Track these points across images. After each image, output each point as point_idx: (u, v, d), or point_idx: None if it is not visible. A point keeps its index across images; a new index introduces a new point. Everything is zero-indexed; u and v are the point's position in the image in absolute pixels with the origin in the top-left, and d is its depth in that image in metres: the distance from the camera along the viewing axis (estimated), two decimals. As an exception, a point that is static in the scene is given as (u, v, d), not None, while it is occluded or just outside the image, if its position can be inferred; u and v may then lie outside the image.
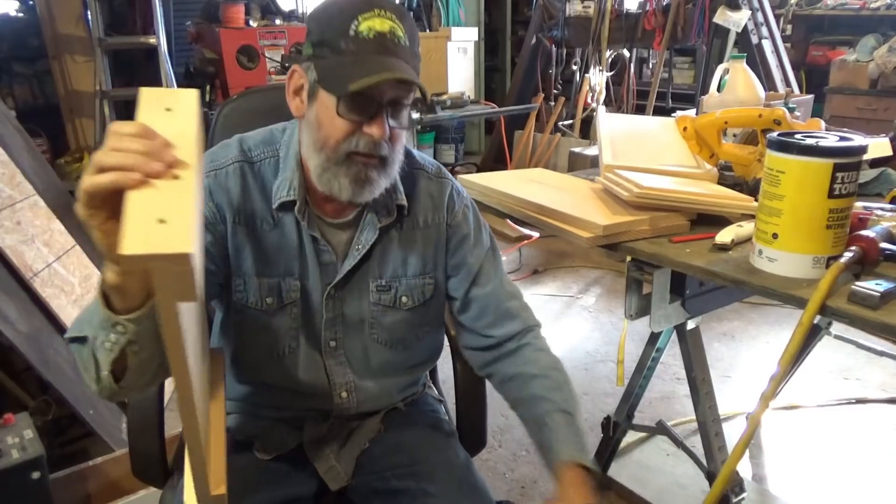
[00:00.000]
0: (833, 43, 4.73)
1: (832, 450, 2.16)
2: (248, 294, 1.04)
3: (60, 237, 2.25)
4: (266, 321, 1.05)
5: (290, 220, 1.03)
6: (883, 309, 0.92)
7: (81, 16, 3.73)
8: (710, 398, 1.53)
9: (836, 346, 2.66)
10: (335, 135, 0.94)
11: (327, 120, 0.94)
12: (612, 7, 4.39)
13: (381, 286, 1.09)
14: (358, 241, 1.06)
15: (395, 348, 1.12)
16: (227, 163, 1.03)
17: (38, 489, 1.53)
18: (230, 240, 1.02)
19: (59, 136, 3.89)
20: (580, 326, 3.06)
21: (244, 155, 1.04)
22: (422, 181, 1.11)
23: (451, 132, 5.98)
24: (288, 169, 1.02)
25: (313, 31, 0.94)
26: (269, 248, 1.03)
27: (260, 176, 1.03)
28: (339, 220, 1.06)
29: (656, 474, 1.96)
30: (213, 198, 1.00)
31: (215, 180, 1.01)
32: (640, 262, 1.32)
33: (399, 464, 1.10)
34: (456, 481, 1.08)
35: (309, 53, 0.95)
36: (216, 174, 1.02)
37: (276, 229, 1.03)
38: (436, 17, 5.40)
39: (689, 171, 1.49)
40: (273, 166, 1.04)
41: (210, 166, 1.02)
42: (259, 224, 1.03)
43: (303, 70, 0.97)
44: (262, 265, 1.03)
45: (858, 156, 1.00)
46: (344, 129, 0.93)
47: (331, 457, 1.12)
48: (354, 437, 1.15)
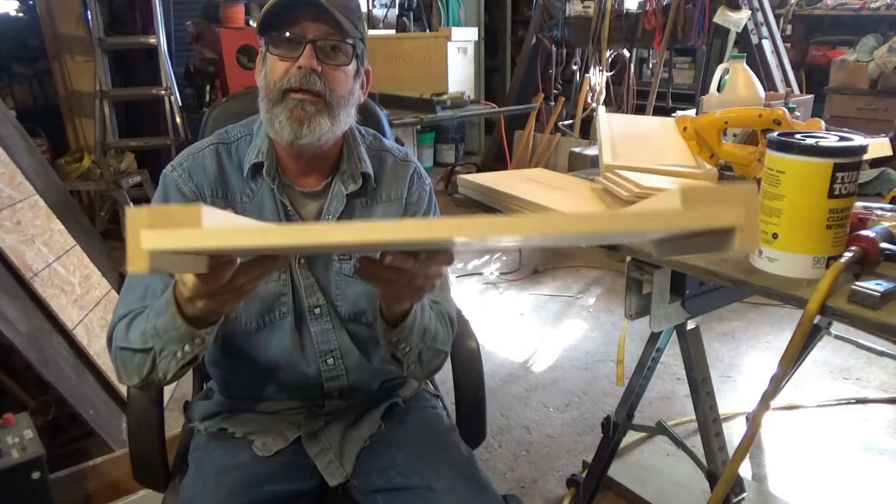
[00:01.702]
0: (833, 43, 4.73)
1: (832, 450, 2.16)
2: None
3: (60, 237, 2.25)
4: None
5: (265, 190, 1.08)
6: (883, 309, 0.92)
7: (81, 16, 3.73)
8: (710, 398, 1.53)
9: (836, 346, 2.66)
10: (272, 77, 1.01)
11: (271, 68, 1.02)
12: (612, 7, 4.39)
13: (342, 255, 1.12)
14: (327, 211, 1.10)
15: (360, 322, 1.13)
16: (203, 146, 1.11)
17: (38, 489, 1.53)
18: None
19: (59, 136, 3.89)
20: (580, 326, 3.06)
21: (220, 138, 1.12)
22: (389, 161, 1.17)
23: (451, 132, 5.98)
24: (258, 138, 1.09)
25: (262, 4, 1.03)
26: (256, 216, 1.07)
27: (237, 154, 1.10)
28: (309, 190, 1.11)
29: (656, 474, 1.96)
30: (192, 178, 1.07)
31: (193, 161, 1.09)
32: (640, 262, 1.32)
33: (402, 461, 1.11)
34: (461, 477, 1.08)
35: (261, 25, 1.02)
36: (194, 157, 1.09)
37: (255, 201, 1.09)
38: (436, 17, 5.40)
39: (689, 171, 1.49)
40: (248, 142, 1.11)
41: (188, 153, 1.10)
42: (239, 198, 1.09)
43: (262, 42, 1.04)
44: None
45: (858, 156, 1.00)
46: (278, 70, 1.01)
47: (330, 452, 1.12)
48: (354, 433, 1.15)
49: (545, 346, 2.87)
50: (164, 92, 3.73)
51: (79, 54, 3.79)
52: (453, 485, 1.06)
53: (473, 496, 1.05)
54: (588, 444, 2.17)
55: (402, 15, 5.07)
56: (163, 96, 3.76)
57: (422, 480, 1.07)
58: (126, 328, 0.97)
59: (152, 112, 4.06)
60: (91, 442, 2.01)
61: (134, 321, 0.98)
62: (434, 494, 1.04)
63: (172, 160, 1.12)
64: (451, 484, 1.06)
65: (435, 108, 3.18)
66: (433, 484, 1.06)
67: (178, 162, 1.10)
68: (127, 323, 0.98)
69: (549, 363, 2.74)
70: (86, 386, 1.99)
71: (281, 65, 1.01)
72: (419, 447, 1.13)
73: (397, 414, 1.20)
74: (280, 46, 1.01)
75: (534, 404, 2.45)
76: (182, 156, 1.11)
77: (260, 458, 1.09)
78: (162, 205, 0.82)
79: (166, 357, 0.90)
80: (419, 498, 1.05)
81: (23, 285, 1.94)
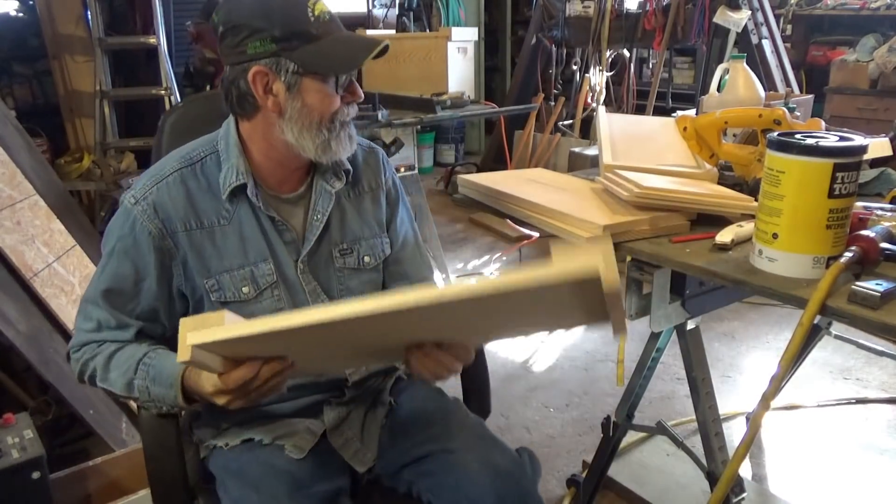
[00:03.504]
0: (833, 43, 4.73)
1: (832, 450, 2.16)
2: (224, 291, 1.08)
3: (60, 237, 2.25)
4: (249, 311, 1.08)
5: (244, 208, 1.08)
6: (883, 309, 0.92)
7: (81, 16, 3.73)
8: (710, 398, 1.53)
9: (836, 346, 2.66)
10: (330, 110, 1.04)
11: (319, 101, 1.02)
12: (612, 7, 4.39)
13: (344, 250, 1.15)
14: (315, 210, 1.13)
15: None
16: (165, 173, 1.07)
17: (38, 489, 1.53)
18: (187, 248, 1.06)
19: (59, 136, 3.88)
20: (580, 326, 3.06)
21: (182, 161, 1.08)
22: (359, 152, 1.20)
23: (451, 132, 5.98)
24: (231, 157, 1.07)
25: (264, 28, 0.98)
26: (231, 242, 1.08)
27: (205, 175, 1.08)
28: (293, 195, 1.13)
29: (656, 474, 1.96)
30: (157, 213, 1.04)
31: (157, 193, 1.05)
32: (640, 262, 1.32)
33: (417, 432, 1.15)
34: (474, 436, 1.14)
35: (271, 49, 0.98)
36: (157, 187, 1.06)
37: (233, 222, 1.08)
38: (436, 17, 5.40)
39: (689, 171, 1.49)
40: (215, 161, 1.08)
41: (151, 181, 1.06)
42: (215, 222, 1.07)
43: (268, 68, 0.99)
44: (230, 259, 1.08)
45: (858, 156, 1.00)
46: (337, 102, 1.04)
47: (355, 441, 1.16)
48: (371, 417, 1.19)
49: (545, 346, 2.87)
50: (164, 92, 3.72)
51: (79, 54, 3.79)
52: (468, 443, 1.11)
53: (489, 451, 1.10)
54: (588, 444, 2.17)
55: (402, 15, 5.07)
56: (163, 96, 3.76)
57: (438, 445, 1.11)
58: (104, 368, 1.06)
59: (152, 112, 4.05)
60: (91, 442, 2.01)
61: (111, 363, 1.05)
62: (452, 455, 1.09)
63: (133, 186, 1.07)
64: (466, 443, 1.11)
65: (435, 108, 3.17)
66: (449, 445, 1.10)
67: (141, 193, 1.05)
68: (104, 361, 1.06)
69: (549, 363, 2.74)
70: (86, 386, 1.98)
71: (336, 98, 1.04)
72: (430, 417, 1.17)
73: (405, 390, 1.23)
74: (342, 85, 1.05)
75: (534, 404, 2.45)
76: (144, 184, 1.06)
77: (295, 461, 1.09)
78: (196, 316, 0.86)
79: (148, 406, 1.06)
80: (439, 462, 1.09)
81: (23, 285, 1.94)
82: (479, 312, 0.80)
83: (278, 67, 0.99)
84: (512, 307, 0.77)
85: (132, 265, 1.05)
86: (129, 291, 1.06)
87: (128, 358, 1.05)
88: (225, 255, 1.08)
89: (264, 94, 1.01)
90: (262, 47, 0.98)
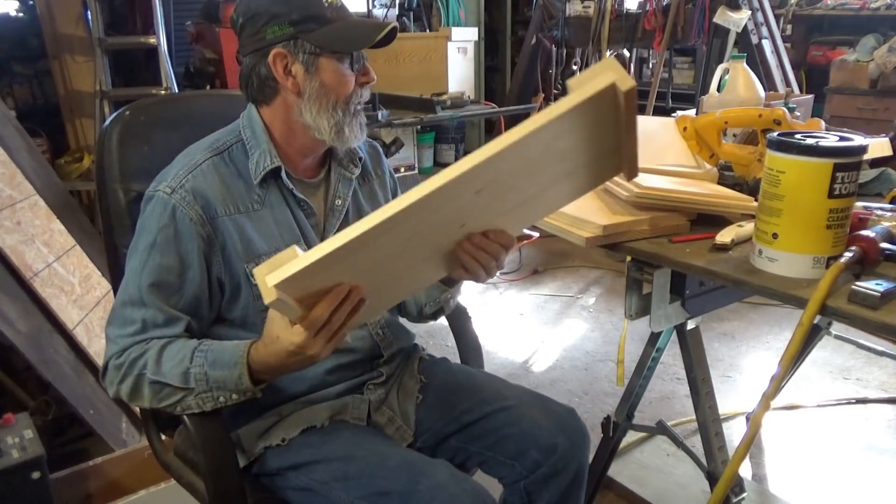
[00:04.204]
0: (833, 43, 4.73)
1: (832, 450, 2.16)
2: None
3: (60, 237, 2.25)
4: None
5: (274, 192, 1.11)
6: (883, 309, 0.92)
7: (81, 16, 3.73)
8: (710, 398, 1.53)
9: (836, 346, 2.66)
10: (346, 90, 1.08)
11: (336, 80, 1.07)
12: (612, 7, 4.39)
13: None
14: (336, 195, 1.18)
15: None
16: (197, 161, 1.08)
17: (38, 489, 1.53)
18: (227, 232, 1.07)
19: (59, 136, 3.88)
20: (580, 326, 3.06)
21: (211, 150, 1.10)
22: (363, 145, 1.25)
23: (451, 132, 5.97)
24: (261, 143, 1.10)
25: (282, 13, 1.03)
26: (267, 225, 1.10)
27: (233, 162, 1.10)
28: (315, 179, 1.17)
29: (656, 474, 1.96)
30: (196, 200, 1.05)
31: (193, 180, 1.06)
32: (640, 262, 1.32)
33: (461, 401, 1.21)
34: (525, 392, 1.24)
35: (289, 32, 1.04)
36: (193, 175, 1.07)
37: (266, 206, 1.11)
38: (436, 17, 5.40)
39: (689, 171, 1.49)
40: (242, 149, 1.11)
41: (184, 171, 1.07)
42: (249, 207, 1.10)
43: (287, 50, 1.05)
44: (268, 242, 1.10)
45: (858, 156, 1.00)
46: (352, 83, 1.09)
47: (396, 419, 1.22)
48: (404, 395, 1.24)
49: (545, 346, 2.88)
50: (164, 92, 3.72)
51: (79, 54, 3.78)
52: (523, 399, 1.21)
53: (545, 401, 1.22)
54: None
55: (402, 15, 5.07)
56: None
57: (493, 406, 1.19)
58: (156, 361, 1.01)
59: (152, 112, 4.05)
60: (91, 442, 2.01)
61: (164, 355, 1.02)
62: (511, 410, 1.18)
63: (162, 179, 1.07)
64: (521, 399, 1.21)
65: (435, 108, 3.18)
66: (504, 404, 1.19)
67: (177, 182, 1.06)
68: (156, 355, 1.02)
69: (549, 363, 2.74)
70: (86, 386, 1.99)
71: (351, 78, 1.09)
72: (470, 385, 1.25)
73: (428, 369, 1.29)
74: (356, 63, 1.09)
75: (534, 404, 2.45)
76: (176, 175, 1.07)
77: (362, 426, 1.15)
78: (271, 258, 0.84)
79: (206, 399, 1.02)
80: (497, 420, 1.18)
81: (23, 285, 1.94)
82: (516, 172, 0.85)
83: (296, 48, 1.05)
84: (540, 158, 0.85)
85: (176, 255, 1.04)
86: (175, 283, 1.05)
87: (181, 348, 1.03)
88: (263, 239, 1.09)
89: (284, 75, 1.06)
90: (281, 31, 1.04)
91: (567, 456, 1.16)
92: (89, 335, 2.08)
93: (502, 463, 1.18)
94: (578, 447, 1.19)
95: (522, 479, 1.17)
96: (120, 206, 1.20)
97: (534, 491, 1.17)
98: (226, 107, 1.32)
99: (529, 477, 1.16)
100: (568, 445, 1.17)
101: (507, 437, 1.17)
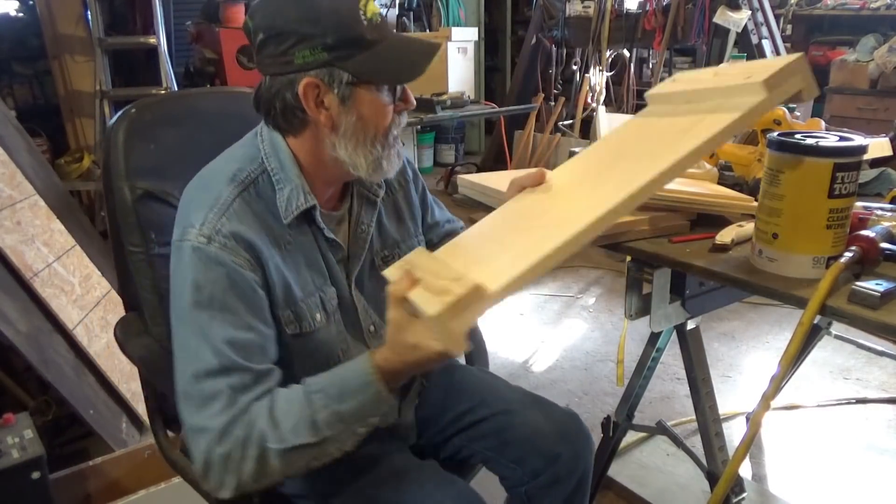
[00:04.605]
0: (833, 43, 4.73)
1: (832, 450, 2.16)
2: (301, 321, 0.98)
3: (60, 237, 2.25)
4: (320, 338, 1.02)
5: (304, 233, 0.99)
6: (883, 309, 0.92)
7: (81, 16, 3.73)
8: (710, 398, 1.52)
9: (836, 346, 2.66)
10: (385, 123, 0.96)
11: (374, 112, 0.94)
12: (612, 7, 4.39)
13: (386, 257, 1.12)
14: (361, 224, 1.08)
15: None
16: (228, 201, 0.93)
17: (38, 489, 1.53)
18: (271, 276, 0.94)
19: (59, 136, 3.88)
20: (580, 326, 3.06)
21: (237, 185, 0.95)
22: None
23: (451, 132, 5.98)
24: (293, 177, 0.96)
25: (314, 35, 0.88)
26: (300, 268, 0.99)
27: (261, 198, 0.96)
28: (339, 212, 1.07)
29: (656, 474, 1.96)
30: (239, 245, 0.90)
31: (230, 224, 0.91)
32: (640, 262, 1.32)
33: (464, 401, 1.20)
34: (527, 396, 1.21)
35: (323, 59, 0.89)
36: (227, 217, 0.91)
37: (296, 245, 0.98)
38: (436, 17, 5.41)
39: (689, 171, 1.49)
40: (267, 181, 0.96)
41: (215, 214, 0.91)
42: (283, 248, 0.96)
43: (319, 79, 0.90)
44: (303, 286, 0.99)
45: (858, 156, 1.00)
46: (391, 113, 0.96)
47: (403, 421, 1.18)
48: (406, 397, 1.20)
49: (545, 346, 2.88)
50: (164, 92, 3.72)
51: (79, 54, 3.78)
52: (525, 403, 1.18)
53: (546, 407, 1.19)
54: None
55: (402, 15, 5.07)
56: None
57: (494, 409, 1.17)
58: (272, 427, 0.85)
59: (152, 112, 4.05)
60: (91, 442, 2.01)
61: (276, 416, 0.86)
62: (512, 415, 1.16)
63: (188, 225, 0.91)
64: (523, 403, 1.18)
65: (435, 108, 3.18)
66: (507, 407, 1.17)
67: (211, 228, 0.90)
68: (268, 419, 0.85)
69: (549, 363, 2.74)
70: (86, 386, 1.99)
71: (390, 108, 0.96)
72: (474, 386, 1.22)
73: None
74: (394, 93, 0.96)
75: (534, 404, 2.45)
76: (206, 218, 0.90)
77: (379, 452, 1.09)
78: (449, 305, 0.76)
79: (346, 439, 0.88)
80: (499, 422, 1.16)
81: (23, 285, 1.94)
82: None
83: (331, 78, 0.90)
84: None
85: (239, 304, 0.89)
86: (250, 337, 0.90)
87: (289, 400, 0.87)
88: (299, 280, 0.98)
89: (316, 108, 0.92)
90: (313, 56, 0.89)
91: (570, 464, 1.13)
92: (89, 335, 2.08)
93: (504, 465, 1.16)
94: (581, 454, 1.15)
95: (524, 484, 1.14)
96: (126, 204, 1.15)
97: (535, 496, 1.14)
98: (231, 104, 1.30)
99: (530, 483, 1.14)
100: (571, 454, 1.14)
101: (508, 441, 1.15)
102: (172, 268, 0.92)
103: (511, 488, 1.18)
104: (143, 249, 1.14)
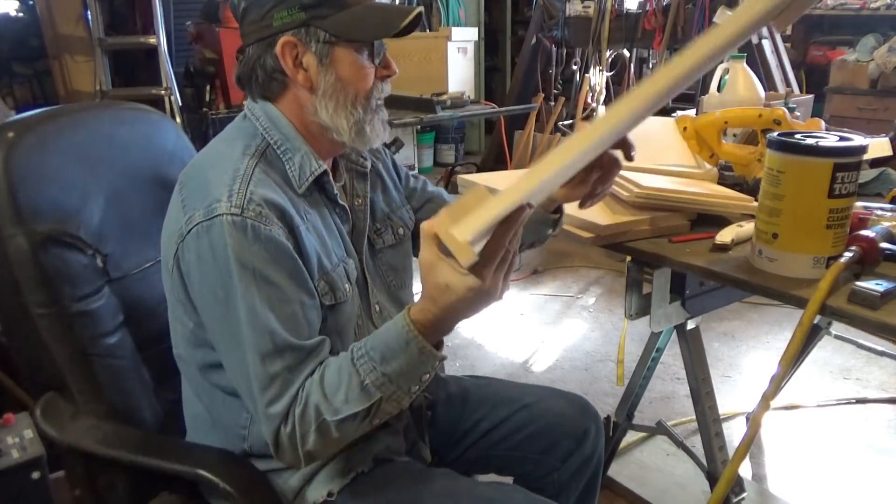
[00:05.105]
0: (833, 43, 4.73)
1: (832, 450, 2.16)
2: (335, 290, 0.96)
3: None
4: (346, 311, 0.99)
5: (316, 199, 0.98)
6: (883, 309, 0.92)
7: (81, 16, 3.73)
8: (710, 398, 1.53)
9: (836, 346, 2.66)
10: (365, 85, 0.95)
11: (354, 73, 0.94)
12: (612, 7, 4.39)
13: (378, 229, 1.11)
14: (356, 194, 1.07)
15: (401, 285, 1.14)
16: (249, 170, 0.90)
17: (38, 489, 1.52)
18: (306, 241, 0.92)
19: (60, 136, 3.89)
20: (580, 326, 3.06)
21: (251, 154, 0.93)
22: None
23: (451, 132, 5.98)
24: (299, 145, 0.96)
25: None
26: (322, 235, 0.97)
27: (274, 168, 0.95)
28: (339, 183, 1.05)
29: (656, 474, 1.96)
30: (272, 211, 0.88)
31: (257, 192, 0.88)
32: (640, 262, 1.32)
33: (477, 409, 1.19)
34: (539, 388, 1.24)
35: (300, 18, 0.90)
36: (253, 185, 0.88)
37: (314, 214, 0.97)
38: (436, 17, 5.41)
39: (689, 171, 1.49)
40: (274, 154, 0.95)
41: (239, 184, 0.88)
42: (304, 216, 0.94)
43: (297, 38, 0.91)
44: (328, 255, 0.96)
45: (858, 156, 1.00)
46: (372, 77, 0.96)
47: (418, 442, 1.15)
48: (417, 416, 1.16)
49: (545, 346, 2.87)
50: (164, 92, 3.73)
51: (79, 54, 3.79)
52: (541, 394, 1.21)
53: (561, 393, 1.22)
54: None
55: (402, 15, 5.06)
56: (163, 96, 3.76)
57: (512, 407, 1.18)
58: (326, 400, 0.85)
59: (152, 112, 4.05)
60: (91, 442, 2.01)
61: (326, 390, 0.85)
62: (534, 406, 1.17)
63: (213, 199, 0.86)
64: (539, 395, 1.20)
65: (435, 108, 3.17)
66: (524, 401, 1.18)
67: (241, 198, 0.86)
68: (320, 396, 0.85)
69: (549, 363, 2.74)
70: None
71: (371, 71, 0.95)
72: (484, 391, 1.22)
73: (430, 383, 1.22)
74: (377, 55, 0.95)
75: (534, 404, 2.45)
76: (231, 190, 0.87)
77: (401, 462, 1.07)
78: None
79: (401, 397, 0.86)
80: (521, 419, 1.16)
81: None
82: None
83: (308, 37, 0.91)
84: None
85: (285, 278, 0.87)
86: (299, 312, 0.88)
87: (337, 372, 0.86)
88: (328, 248, 0.96)
89: (294, 67, 0.92)
90: (290, 16, 0.90)
91: (595, 441, 1.19)
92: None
93: (531, 460, 1.17)
94: (601, 430, 1.22)
95: (555, 470, 1.17)
96: (24, 255, 0.95)
97: (566, 483, 1.18)
98: (115, 121, 1.18)
99: (561, 467, 1.17)
100: (596, 429, 1.20)
101: (533, 434, 1.17)
102: (197, 256, 0.87)
103: (539, 480, 1.18)
104: (54, 310, 0.98)
